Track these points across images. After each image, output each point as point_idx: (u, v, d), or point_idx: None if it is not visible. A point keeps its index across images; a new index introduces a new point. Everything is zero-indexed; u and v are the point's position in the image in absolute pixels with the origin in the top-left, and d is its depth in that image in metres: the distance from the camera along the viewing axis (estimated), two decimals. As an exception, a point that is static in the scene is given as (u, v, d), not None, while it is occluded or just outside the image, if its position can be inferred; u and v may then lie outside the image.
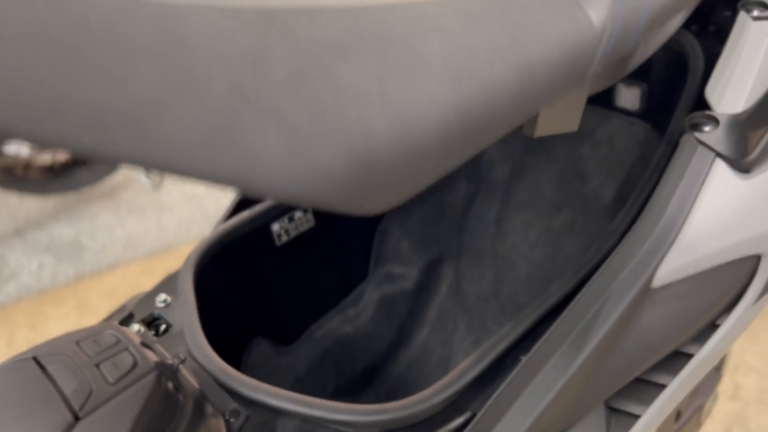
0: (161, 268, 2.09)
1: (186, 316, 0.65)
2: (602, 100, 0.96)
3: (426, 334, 0.98)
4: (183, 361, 0.63)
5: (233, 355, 0.81)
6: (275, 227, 0.82)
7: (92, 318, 1.95)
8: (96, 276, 2.10)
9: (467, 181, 1.02)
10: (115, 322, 0.68)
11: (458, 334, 0.96)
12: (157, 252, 2.16)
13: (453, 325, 0.97)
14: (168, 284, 0.73)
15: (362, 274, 0.96)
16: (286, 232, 0.84)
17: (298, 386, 0.86)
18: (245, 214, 0.80)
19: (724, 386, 1.45)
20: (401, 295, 0.95)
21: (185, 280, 0.70)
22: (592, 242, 0.86)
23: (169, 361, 0.58)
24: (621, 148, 0.91)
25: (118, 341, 0.56)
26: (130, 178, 2.52)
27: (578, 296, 0.56)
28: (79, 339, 0.56)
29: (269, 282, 0.85)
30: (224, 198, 2.34)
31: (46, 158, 2.32)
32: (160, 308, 0.70)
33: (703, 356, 0.59)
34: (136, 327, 0.68)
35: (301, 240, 0.86)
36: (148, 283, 2.06)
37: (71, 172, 2.35)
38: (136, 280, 2.06)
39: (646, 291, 0.55)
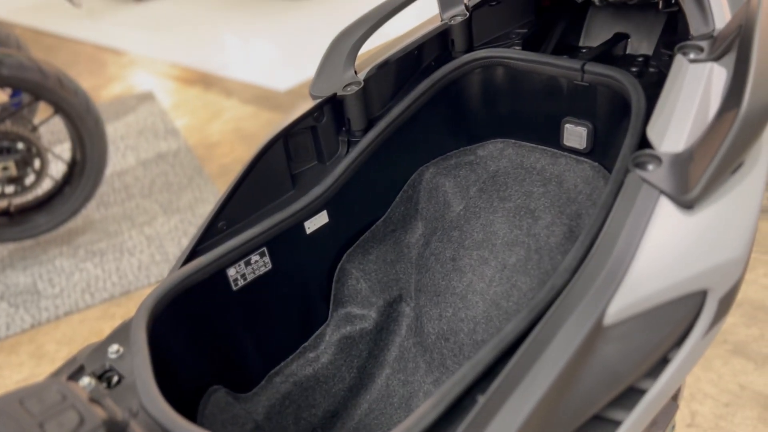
0: (121, 313, 2.05)
1: (138, 367, 0.64)
2: (551, 141, 0.98)
3: (387, 374, 0.97)
4: (135, 415, 0.61)
5: (189, 405, 0.79)
6: (231, 272, 0.81)
7: (48, 366, 1.89)
8: (53, 323, 2.04)
9: (424, 221, 1.02)
10: (64, 377, 0.66)
11: (419, 374, 0.95)
12: (116, 297, 2.11)
13: (413, 364, 0.96)
14: (121, 334, 0.71)
15: (322, 316, 0.96)
16: (243, 276, 0.83)
17: (258, 434, 0.84)
18: (200, 260, 0.79)
19: (681, 414, 1.47)
20: (361, 336, 0.95)
21: (138, 329, 0.68)
22: (545, 279, 0.87)
23: (119, 417, 0.57)
24: (570, 186, 0.93)
25: (64, 398, 0.54)
26: (89, 221, 2.47)
27: (531, 336, 0.56)
28: (22, 397, 0.54)
29: (226, 328, 0.83)
30: (186, 239, 2.31)
31: (1, 203, 2.27)
32: (112, 359, 0.68)
33: (656, 391, 0.59)
34: (86, 380, 0.66)
35: (258, 284, 0.85)
36: (108, 329, 2.01)
37: (28, 218, 2.31)
38: (94, 326, 2.00)
39: (598, 329, 0.56)
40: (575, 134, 0.93)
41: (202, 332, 0.80)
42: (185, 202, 2.53)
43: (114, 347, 0.69)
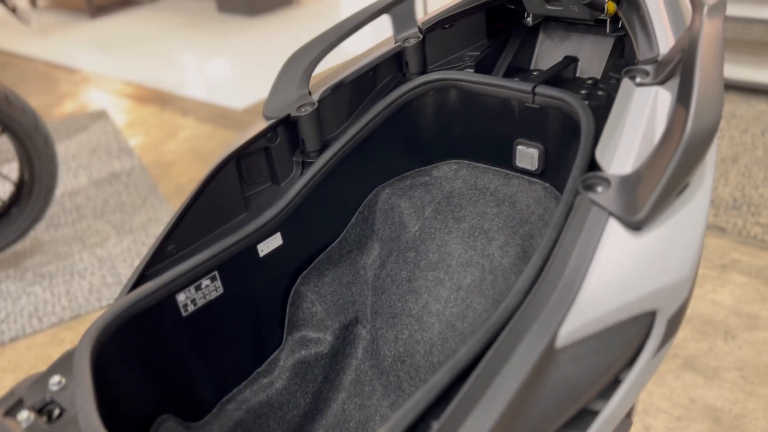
0: (71, 337, 1.98)
1: (80, 399, 0.61)
2: (504, 162, 0.99)
3: (343, 399, 0.95)
4: None
5: None
6: (181, 297, 0.79)
7: (-8, 396, 1.81)
8: (-2, 349, 1.96)
9: (380, 242, 1.02)
10: (0, 412, 0.63)
11: (375, 397, 0.94)
12: (66, 321, 2.04)
13: (370, 388, 0.95)
14: (64, 364, 0.69)
15: (276, 340, 0.94)
16: (193, 302, 0.81)
17: (209, 464, 0.81)
18: (149, 285, 0.76)
19: (636, 429, 1.49)
20: (316, 360, 0.93)
21: (81, 359, 0.65)
22: (500, 300, 0.88)
23: None
24: (523, 206, 0.94)
25: (-3, 436, 0.51)
26: (38, 243, 2.40)
27: (484, 360, 0.56)
28: (-48, 436, 0.51)
29: (176, 355, 0.81)
30: (139, 260, 2.26)
31: (-56, 226, 2.18)
32: (53, 391, 0.65)
33: (609, 412, 0.60)
34: (24, 414, 0.63)
35: (209, 309, 0.83)
36: (57, 355, 1.94)
37: (-28, 240, 2.23)
38: (42, 352, 1.93)
39: (551, 351, 0.56)
40: (527, 156, 0.95)
41: (150, 360, 0.78)
42: (139, 223, 2.48)
43: (55, 378, 0.66)
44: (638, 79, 0.76)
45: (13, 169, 2.63)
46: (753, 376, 1.57)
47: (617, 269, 0.59)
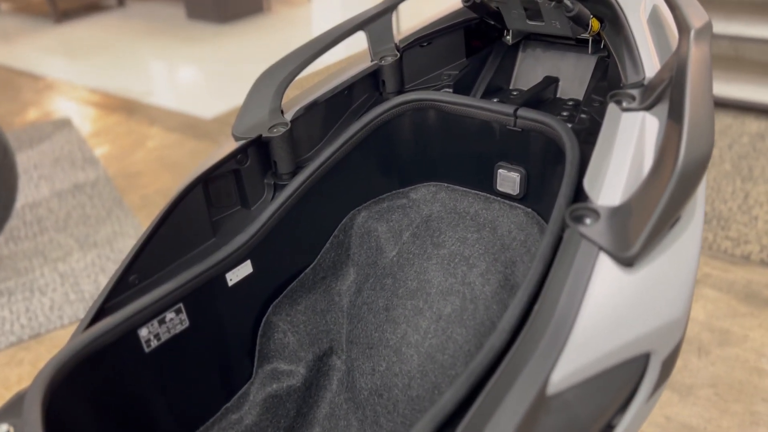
0: (30, 358, 1.89)
1: None
2: (484, 185, 0.96)
3: None
4: None
5: None
6: (143, 332, 0.74)
7: (-55, 421, 1.72)
8: (-48, 371, 1.87)
9: (356, 267, 0.98)
10: (-61, 468, 0.57)
11: None
12: (25, 340, 1.96)
13: (345, 422, 0.91)
14: (13, 408, 0.63)
15: (245, 374, 0.89)
16: (156, 336, 0.76)
17: None
18: (108, 320, 0.71)
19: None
20: (289, 394, 0.88)
21: (31, 407, 0.60)
22: (481, 330, 0.84)
23: None
24: (504, 232, 0.91)
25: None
26: (-4, 257, 2.30)
27: (472, 410, 0.52)
28: None
29: (138, 393, 0.76)
30: (103, 276, 2.18)
31: None
32: None
33: (601, 460, 0.56)
34: None
35: (174, 344, 0.78)
36: (14, 377, 1.85)
37: (-75, 255, 2.12)
38: (0, 374, 1.85)
39: (542, 399, 0.52)
40: (508, 180, 0.91)
41: (109, 401, 0.72)
42: (103, 236, 2.40)
43: (3, 428, 0.60)
44: (624, 104, 0.73)
45: (-30, 181, 2.53)
46: (727, 393, 1.56)
47: (610, 309, 0.56)
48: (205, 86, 3.78)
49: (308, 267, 0.94)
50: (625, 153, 0.67)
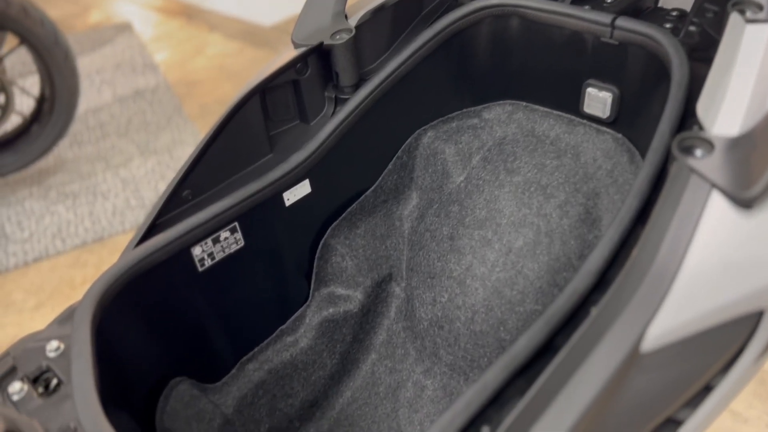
0: (93, 260, 1.94)
1: (78, 376, 0.53)
2: (569, 106, 0.86)
3: (372, 360, 0.88)
4: None
5: (149, 401, 0.69)
6: (197, 251, 0.70)
7: (15, 316, 1.79)
8: (21, 269, 1.93)
9: (419, 192, 0.91)
10: (-12, 385, 0.55)
11: (408, 362, 0.86)
12: (89, 243, 2.00)
13: (402, 351, 0.87)
14: (64, 324, 0.61)
15: (302, 296, 0.85)
16: (210, 255, 0.72)
17: (228, 429, 0.75)
18: (160, 237, 0.67)
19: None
20: (345, 319, 0.85)
21: (81, 325, 0.57)
22: (555, 267, 0.77)
23: None
24: (588, 159, 0.82)
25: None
26: (61, 161, 2.34)
27: (554, 364, 0.46)
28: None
29: (191, 314, 0.73)
30: (162, 183, 2.19)
31: (-35, 140, 2.12)
32: (51, 358, 0.58)
33: (695, 423, 0.50)
34: (17, 386, 0.56)
35: (228, 263, 0.74)
36: (79, 278, 1.88)
37: (-5, 156, 2.17)
38: (65, 275, 1.90)
39: (634, 357, 0.46)
40: (598, 100, 0.81)
41: (161, 319, 0.70)
42: (163, 144, 2.40)
43: (53, 344, 0.58)
44: (749, 14, 0.62)
45: (35, 83, 2.55)
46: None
47: (721, 258, 0.48)
48: (266, -9, 3.66)
49: (369, 189, 0.88)
50: (748, 74, 0.57)
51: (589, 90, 0.82)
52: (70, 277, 1.89)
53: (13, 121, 2.25)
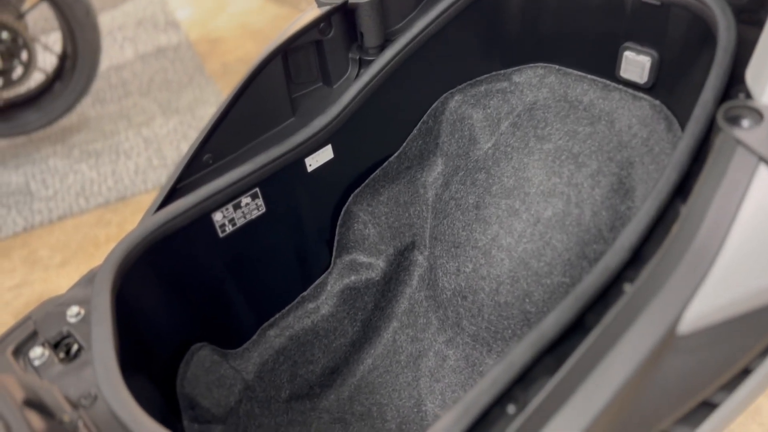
0: (117, 220, 1.95)
1: (98, 342, 0.53)
2: (604, 70, 0.82)
3: (394, 328, 0.87)
4: (94, 401, 0.51)
5: (169, 366, 0.69)
6: (217, 217, 0.69)
7: (41, 273, 1.81)
8: (46, 227, 1.95)
9: (444, 158, 0.88)
10: (9, 350, 0.55)
11: (430, 331, 0.85)
12: (112, 202, 2.01)
13: (424, 320, 0.86)
14: (85, 288, 0.60)
15: (323, 263, 0.84)
16: (231, 221, 0.71)
17: (248, 395, 0.75)
18: (181, 203, 0.66)
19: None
20: (367, 287, 0.83)
21: (101, 291, 0.57)
22: (585, 239, 0.75)
23: (66, 416, 0.46)
24: (623, 127, 0.78)
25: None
26: (84, 119, 2.34)
27: (586, 344, 0.44)
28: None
29: (211, 280, 0.72)
30: (185, 143, 2.18)
31: (-11, 96, 2.12)
32: (71, 323, 0.57)
33: (731, 407, 0.48)
34: (38, 351, 0.55)
35: (249, 229, 0.73)
36: (102, 237, 1.89)
37: (18, 114, 2.17)
38: (89, 233, 1.91)
39: (670, 339, 0.44)
40: (635, 64, 0.77)
41: (182, 285, 0.69)
42: (185, 103, 2.38)
43: (74, 309, 0.58)
44: None
45: (57, 40, 2.53)
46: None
47: (767, 236, 0.45)
48: (289, -54, 3.58)
49: (392, 155, 0.85)
50: None
51: (627, 53, 0.78)
52: (94, 235, 1.91)
53: (36, 79, 2.24)
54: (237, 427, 0.72)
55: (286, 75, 0.76)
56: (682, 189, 0.54)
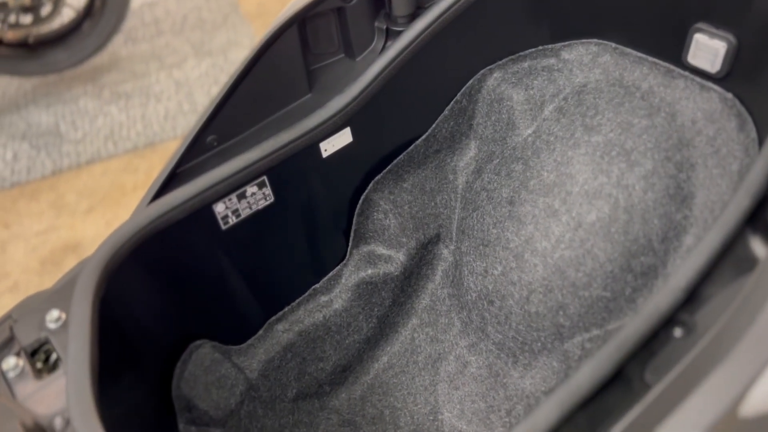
0: (144, 167, 1.91)
1: (74, 361, 0.48)
2: (668, 53, 0.71)
3: (413, 325, 0.80)
4: (66, 425, 0.46)
5: (167, 367, 0.64)
6: (219, 208, 0.62)
7: (68, 218, 1.80)
8: (74, 171, 1.93)
9: (477, 141, 0.79)
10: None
11: (451, 333, 0.78)
12: (140, 148, 1.97)
13: (446, 320, 0.79)
14: (68, 288, 0.55)
15: (338, 254, 0.77)
16: (235, 213, 0.64)
17: (251, 395, 0.70)
18: (177, 193, 0.60)
19: None
20: (385, 282, 0.77)
21: (82, 298, 0.51)
22: (633, 250, 0.66)
23: None
24: (686, 121, 0.68)
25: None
26: (115, 59, 2.28)
27: (627, 419, 0.37)
28: None
29: (213, 274, 0.66)
30: (216, 88, 2.11)
31: (18, 33, 2.07)
32: (50, 329, 0.52)
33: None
34: (12, 362, 0.51)
35: (256, 220, 0.66)
36: (129, 184, 1.85)
37: (48, 51, 2.12)
38: (116, 179, 1.88)
39: (730, 422, 0.36)
40: (708, 50, 0.66)
41: (179, 280, 0.63)
42: (218, 44, 2.30)
43: (54, 314, 0.53)
44: None
45: (90, -26, 2.45)
46: None
47: None
48: None
49: (419, 138, 0.77)
50: None
51: (698, 36, 0.66)
52: (121, 182, 1.88)
53: (65, 16, 2.18)
54: (238, 429, 0.67)
55: (303, 45, 0.68)
56: (755, 218, 0.45)
